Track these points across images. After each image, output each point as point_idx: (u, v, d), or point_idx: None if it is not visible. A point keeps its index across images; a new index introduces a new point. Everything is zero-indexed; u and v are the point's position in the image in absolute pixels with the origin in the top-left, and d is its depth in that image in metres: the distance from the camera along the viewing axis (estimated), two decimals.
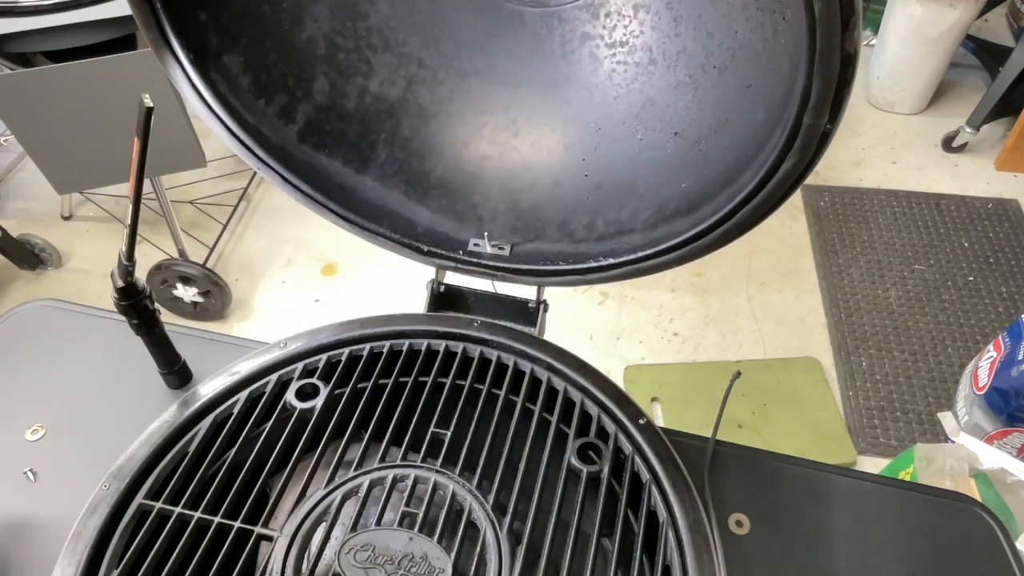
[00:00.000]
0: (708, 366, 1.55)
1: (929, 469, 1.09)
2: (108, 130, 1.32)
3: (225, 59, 0.56)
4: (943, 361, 1.57)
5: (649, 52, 0.58)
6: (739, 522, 0.51)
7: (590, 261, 0.58)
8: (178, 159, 1.42)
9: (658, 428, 0.52)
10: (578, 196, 0.62)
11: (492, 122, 0.64)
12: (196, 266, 1.56)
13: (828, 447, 1.40)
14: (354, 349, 0.58)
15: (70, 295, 1.60)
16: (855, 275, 1.76)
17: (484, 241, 0.62)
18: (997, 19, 2.61)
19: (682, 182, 0.56)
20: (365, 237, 0.63)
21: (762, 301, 1.71)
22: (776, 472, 0.54)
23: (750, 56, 0.51)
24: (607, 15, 0.58)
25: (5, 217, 1.93)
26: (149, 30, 0.52)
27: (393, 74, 0.63)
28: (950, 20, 1.97)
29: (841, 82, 0.39)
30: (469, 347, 0.58)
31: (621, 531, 0.46)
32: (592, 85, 0.61)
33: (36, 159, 1.34)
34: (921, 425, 1.46)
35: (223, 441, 0.51)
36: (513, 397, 0.55)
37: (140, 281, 0.50)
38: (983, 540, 0.51)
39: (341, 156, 0.63)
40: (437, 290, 0.67)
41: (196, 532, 0.46)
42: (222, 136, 0.58)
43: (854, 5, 0.36)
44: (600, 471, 0.49)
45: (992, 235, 1.86)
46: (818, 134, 0.42)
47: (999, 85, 1.93)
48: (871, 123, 2.23)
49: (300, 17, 0.59)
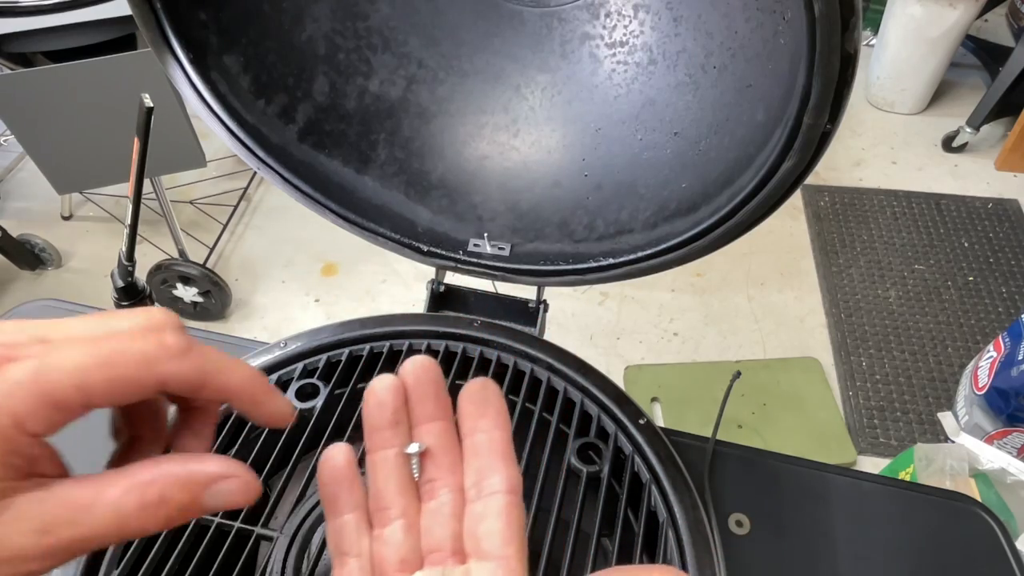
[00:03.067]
0: (708, 366, 1.55)
1: (929, 469, 1.09)
2: (108, 130, 1.32)
3: (225, 59, 0.56)
4: (943, 361, 1.57)
5: (649, 52, 0.58)
6: (739, 522, 0.51)
7: (590, 261, 0.58)
8: (178, 159, 1.42)
9: (658, 428, 0.52)
10: (578, 196, 0.62)
11: (492, 122, 0.64)
12: (196, 266, 1.56)
13: (828, 447, 1.40)
14: (354, 349, 0.58)
15: (70, 295, 1.60)
16: (855, 275, 1.76)
17: (484, 241, 0.62)
18: (997, 19, 2.61)
19: (682, 182, 0.56)
20: (365, 237, 0.63)
21: (762, 301, 1.71)
22: (776, 472, 0.54)
23: (750, 56, 0.51)
24: (607, 15, 0.58)
25: (5, 217, 1.93)
26: (149, 30, 0.52)
27: (393, 74, 0.63)
28: (950, 20, 1.97)
29: (841, 82, 0.39)
30: (469, 347, 0.58)
31: (621, 531, 0.46)
32: (592, 85, 0.61)
33: (36, 159, 1.34)
34: (921, 425, 1.46)
35: (223, 441, 0.51)
36: (513, 397, 0.55)
37: (140, 281, 0.50)
38: (983, 540, 0.51)
39: (341, 156, 0.63)
40: (437, 290, 0.67)
41: (196, 532, 0.46)
42: (222, 136, 0.58)
43: (854, 5, 0.36)
44: (600, 471, 0.49)
45: (992, 235, 1.86)
46: (818, 134, 0.42)
47: (999, 85, 1.93)
48: (871, 123, 2.23)
49: (300, 17, 0.59)
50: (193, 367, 0.23)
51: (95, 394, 0.21)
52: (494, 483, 0.26)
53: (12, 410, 0.20)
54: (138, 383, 0.22)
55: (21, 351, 0.21)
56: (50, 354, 0.21)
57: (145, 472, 0.23)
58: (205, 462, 0.24)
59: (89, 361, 0.21)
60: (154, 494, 0.22)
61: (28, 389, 0.20)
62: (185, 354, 0.23)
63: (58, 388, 0.21)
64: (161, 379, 0.22)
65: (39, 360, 0.21)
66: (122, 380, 0.21)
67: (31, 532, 0.21)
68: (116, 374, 0.21)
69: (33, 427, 0.21)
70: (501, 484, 0.26)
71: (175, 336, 0.23)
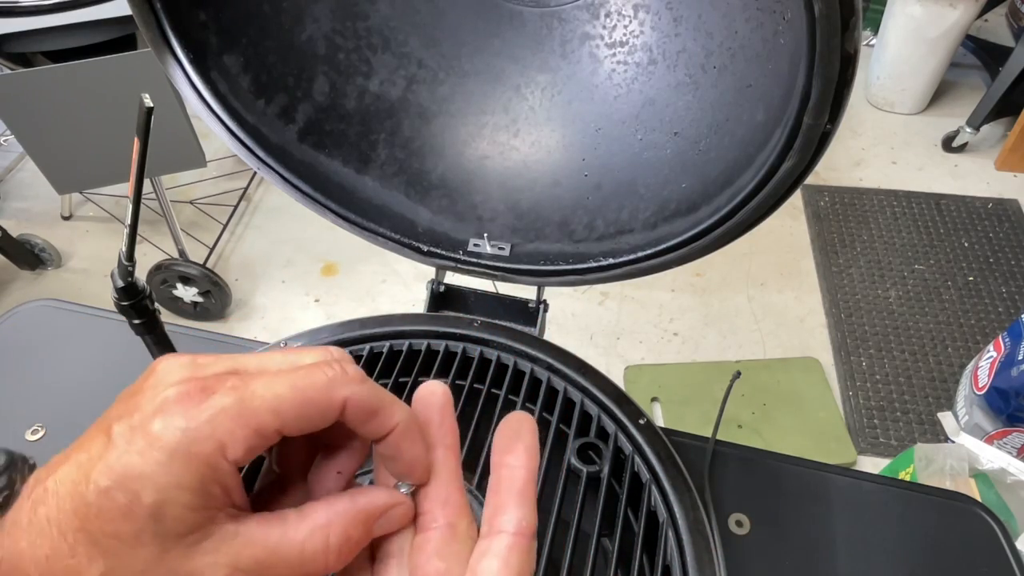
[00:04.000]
0: (708, 366, 1.55)
1: (929, 469, 1.09)
2: (108, 130, 1.32)
3: (225, 59, 0.56)
4: (943, 361, 1.57)
5: (649, 52, 0.58)
6: (739, 522, 0.51)
7: (590, 261, 0.58)
8: (178, 159, 1.42)
9: (658, 428, 0.52)
10: (578, 196, 0.62)
11: (492, 122, 0.64)
12: (196, 266, 1.56)
13: (828, 447, 1.40)
14: (354, 349, 0.58)
15: (70, 295, 1.60)
16: (855, 275, 1.76)
17: (484, 241, 0.62)
18: (997, 19, 2.62)
19: (682, 182, 0.56)
20: (365, 237, 0.63)
21: (762, 301, 1.71)
22: (776, 472, 0.54)
23: (750, 56, 0.51)
24: (607, 15, 0.58)
25: (5, 217, 1.93)
26: (149, 30, 0.52)
27: (393, 74, 0.63)
28: (950, 20, 1.97)
29: (841, 82, 0.39)
30: (469, 347, 0.58)
31: (621, 531, 0.46)
32: (592, 85, 0.61)
33: (36, 159, 1.34)
34: (921, 425, 1.46)
35: None
36: (513, 397, 0.55)
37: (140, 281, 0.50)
38: (983, 540, 0.51)
39: (341, 156, 0.63)
40: (437, 290, 0.67)
41: None
42: (222, 136, 0.58)
43: (854, 5, 0.36)
44: (600, 471, 0.49)
45: (992, 235, 1.86)
46: (818, 134, 0.42)
47: (999, 85, 1.93)
48: (871, 123, 2.23)
49: (300, 17, 0.59)
50: (371, 392, 0.24)
51: (288, 420, 0.22)
52: (504, 522, 0.26)
53: (218, 437, 0.21)
54: (325, 407, 0.23)
55: (220, 383, 0.22)
56: (248, 385, 0.22)
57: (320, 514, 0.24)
58: (371, 496, 0.25)
59: (284, 390, 0.22)
60: (338, 534, 0.23)
61: (232, 417, 0.21)
62: (364, 380, 0.24)
63: (258, 415, 0.22)
64: (343, 402, 0.23)
65: (240, 390, 0.22)
66: (312, 404, 0.23)
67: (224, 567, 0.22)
68: (307, 398, 0.23)
69: (234, 454, 0.21)
70: (510, 524, 0.26)
71: (353, 366, 0.24)
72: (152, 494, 0.21)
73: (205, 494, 0.21)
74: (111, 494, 0.21)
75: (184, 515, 0.21)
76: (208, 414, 0.21)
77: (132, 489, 0.21)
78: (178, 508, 0.21)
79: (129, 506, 0.21)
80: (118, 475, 0.21)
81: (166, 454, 0.21)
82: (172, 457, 0.21)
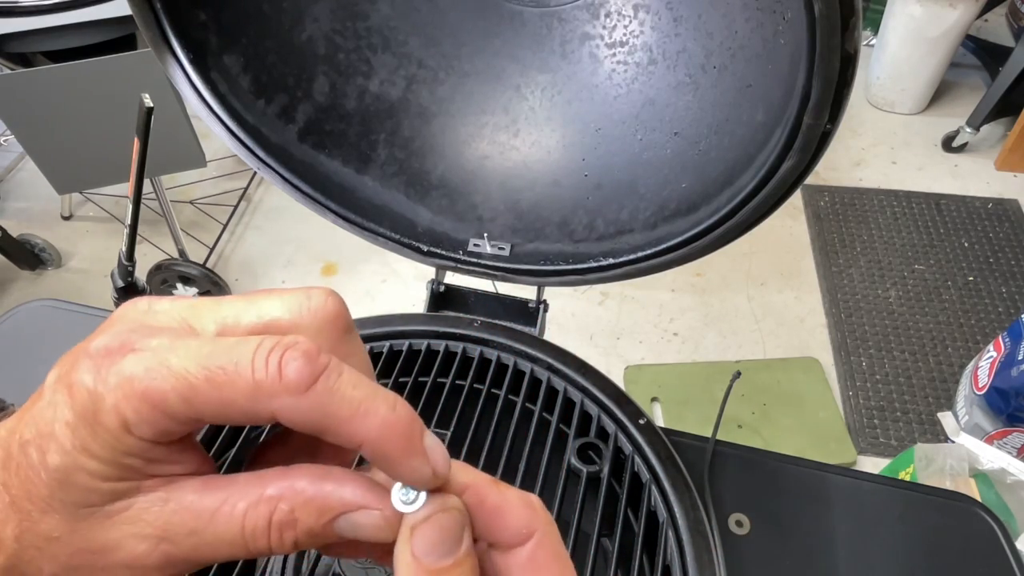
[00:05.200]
0: (708, 366, 1.55)
1: (929, 469, 1.09)
2: (108, 130, 1.32)
3: (225, 59, 0.56)
4: (943, 361, 1.57)
5: (649, 52, 0.58)
6: (739, 522, 0.51)
7: (590, 261, 0.58)
8: (178, 159, 1.42)
9: (658, 428, 0.52)
10: (578, 196, 0.62)
11: (492, 122, 0.64)
12: (196, 266, 1.56)
13: (828, 447, 1.40)
14: None
15: (70, 295, 1.60)
16: (855, 275, 1.76)
17: (484, 241, 0.62)
18: (997, 19, 2.61)
19: (682, 182, 0.56)
20: (365, 237, 0.63)
21: (762, 301, 1.71)
22: (776, 472, 0.54)
23: (750, 56, 0.51)
24: (607, 15, 0.58)
25: (5, 217, 1.93)
26: (149, 30, 0.52)
27: (393, 74, 0.63)
28: (950, 20, 1.97)
29: (841, 82, 0.39)
30: (469, 347, 0.58)
31: (621, 531, 0.46)
32: (592, 85, 0.61)
33: (36, 159, 1.34)
34: (921, 425, 1.46)
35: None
36: (513, 397, 0.55)
37: (140, 281, 0.50)
38: (983, 540, 0.51)
39: (341, 156, 0.63)
40: (437, 290, 0.67)
41: None
42: (222, 136, 0.58)
43: (854, 5, 0.36)
44: (600, 471, 0.49)
45: (992, 235, 1.86)
46: (818, 134, 0.42)
47: (999, 85, 1.93)
48: (871, 123, 2.23)
49: (300, 17, 0.59)
50: (311, 408, 0.18)
51: (205, 413, 0.18)
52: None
53: (120, 410, 0.18)
54: (246, 413, 0.18)
55: (144, 340, 0.19)
56: (164, 355, 0.18)
57: (272, 484, 0.19)
58: (343, 484, 0.19)
59: (197, 377, 0.18)
60: (284, 513, 0.19)
61: (138, 391, 0.18)
62: (302, 393, 0.18)
63: (165, 398, 0.18)
64: (271, 415, 0.18)
65: (151, 360, 0.18)
66: (230, 405, 0.18)
67: (149, 537, 0.19)
68: (223, 398, 0.18)
69: (140, 432, 0.18)
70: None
71: (299, 366, 0.18)
72: (57, 456, 0.18)
73: (118, 465, 0.18)
74: (27, 449, 0.19)
75: (94, 484, 0.18)
76: (115, 380, 0.18)
77: (43, 448, 0.18)
78: (85, 476, 0.18)
79: (39, 466, 0.18)
80: (38, 429, 0.19)
81: (75, 415, 0.18)
82: (80, 419, 0.18)
